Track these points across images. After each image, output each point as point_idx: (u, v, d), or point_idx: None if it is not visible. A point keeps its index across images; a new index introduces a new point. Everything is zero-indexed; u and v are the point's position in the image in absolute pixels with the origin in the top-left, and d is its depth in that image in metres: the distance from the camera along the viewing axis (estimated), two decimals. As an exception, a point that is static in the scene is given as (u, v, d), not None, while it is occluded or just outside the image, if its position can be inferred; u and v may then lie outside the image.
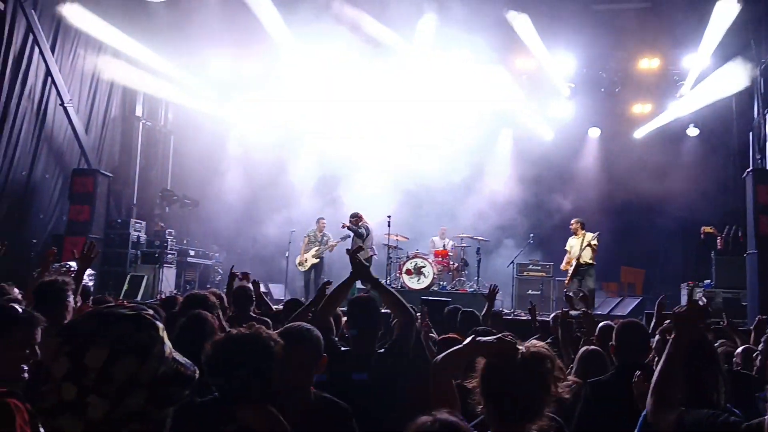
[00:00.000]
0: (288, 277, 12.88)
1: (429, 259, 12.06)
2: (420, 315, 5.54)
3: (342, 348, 3.37)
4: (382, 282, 3.56)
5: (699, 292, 11.12)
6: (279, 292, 12.65)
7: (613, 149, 14.77)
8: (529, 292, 12.64)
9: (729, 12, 11.14)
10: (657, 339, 3.49)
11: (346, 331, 3.45)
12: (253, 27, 12.32)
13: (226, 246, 14.97)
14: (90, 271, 9.92)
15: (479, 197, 14.54)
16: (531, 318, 6.24)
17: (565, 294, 6.13)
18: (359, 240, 11.16)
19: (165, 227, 13.08)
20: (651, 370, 2.73)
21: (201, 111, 14.69)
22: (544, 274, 12.79)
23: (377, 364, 3.22)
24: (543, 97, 14.45)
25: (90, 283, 9.07)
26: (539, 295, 12.48)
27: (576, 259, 10.92)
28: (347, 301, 3.65)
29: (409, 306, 3.63)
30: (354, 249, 3.84)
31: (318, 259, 12.19)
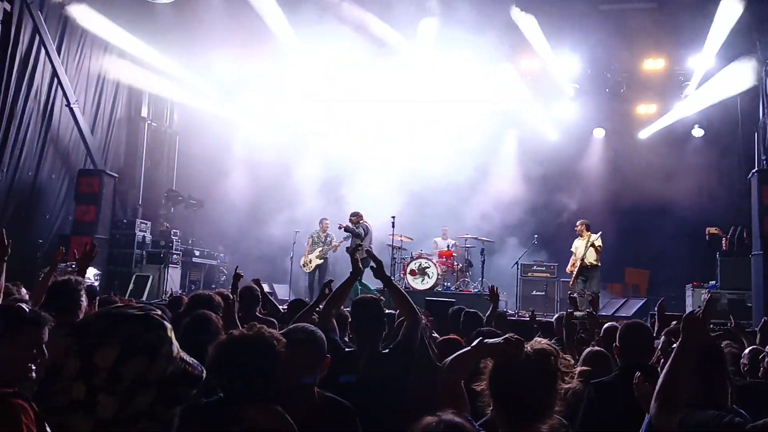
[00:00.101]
0: (292, 278, 12.91)
1: (433, 260, 12.05)
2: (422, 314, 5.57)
3: (347, 348, 3.38)
4: (393, 281, 3.58)
5: (704, 293, 11.09)
6: (283, 292, 12.67)
7: (618, 150, 14.75)
8: (534, 293, 12.64)
9: (733, 12, 11.12)
10: (663, 340, 3.48)
11: (351, 332, 3.45)
12: (258, 28, 12.36)
13: (230, 246, 15.01)
14: (96, 271, 9.97)
15: (484, 198, 14.51)
16: (531, 320, 6.35)
17: (569, 296, 6.13)
18: (357, 239, 11.19)
19: (170, 227, 13.12)
20: (655, 371, 2.73)
21: (206, 111, 14.73)
22: (548, 275, 12.78)
23: (382, 364, 3.23)
24: (548, 98, 14.43)
25: (96, 283, 9.11)
26: (543, 296, 12.47)
27: (580, 260, 10.88)
28: (351, 302, 3.66)
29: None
30: (352, 247, 3.86)
31: (322, 260, 12.23)
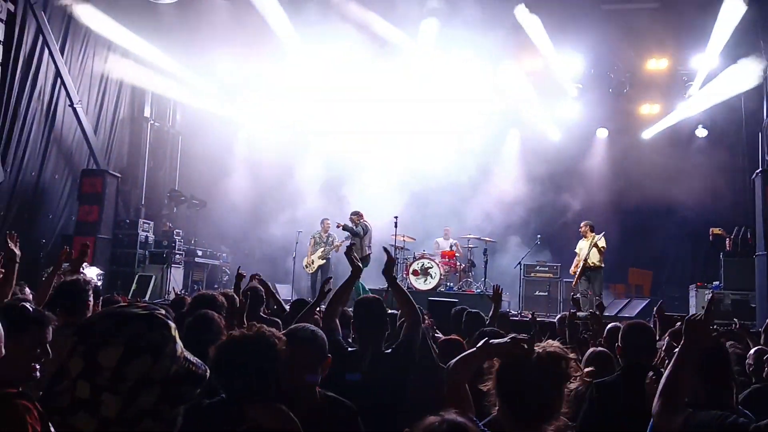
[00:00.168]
0: (295, 278, 12.92)
1: (436, 260, 12.04)
2: (423, 313, 5.57)
3: (349, 348, 3.38)
4: (398, 281, 3.58)
5: (707, 293, 11.06)
6: (286, 292, 12.66)
7: (621, 150, 14.72)
8: (537, 293, 12.62)
9: (737, 11, 11.10)
10: (667, 341, 3.47)
11: (353, 332, 3.45)
12: (260, 28, 12.36)
13: (233, 246, 15.03)
14: (98, 271, 10.00)
15: (486, 198, 14.50)
16: (531, 322, 6.38)
17: (572, 297, 6.13)
18: (356, 238, 11.20)
19: (173, 227, 13.15)
20: (657, 371, 2.73)
21: (208, 111, 14.76)
22: (551, 275, 12.76)
23: (384, 364, 3.23)
24: (551, 98, 14.41)
25: (99, 283, 9.13)
26: (546, 297, 12.45)
27: (583, 261, 10.87)
28: (353, 302, 3.66)
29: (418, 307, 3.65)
30: (347, 247, 3.87)
31: (324, 260, 12.25)
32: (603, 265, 10.91)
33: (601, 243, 10.77)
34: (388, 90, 14.05)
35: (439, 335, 4.96)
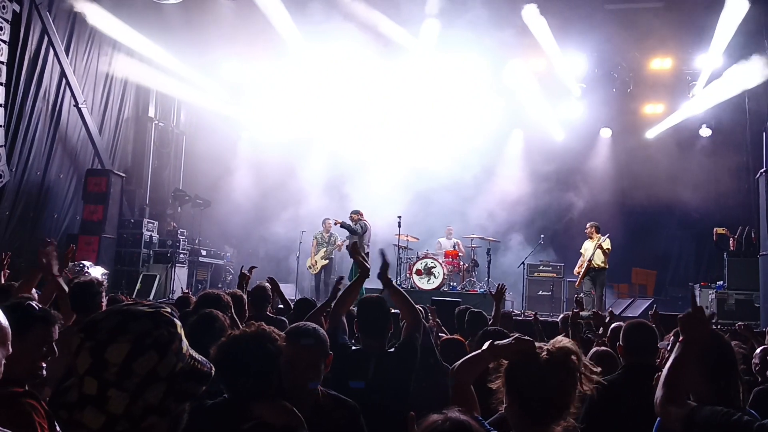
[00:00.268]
0: (298, 277, 12.94)
1: (439, 260, 12.04)
2: (429, 314, 5.57)
3: (353, 347, 3.39)
4: (393, 282, 3.57)
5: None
6: (289, 291, 12.68)
7: (625, 150, 14.70)
8: (540, 293, 12.61)
9: (740, 10, 11.07)
10: (672, 340, 3.46)
11: (357, 331, 3.46)
12: (264, 28, 12.39)
13: (237, 246, 15.06)
14: (103, 270, 10.02)
15: (490, 197, 14.49)
16: (534, 322, 6.39)
17: (576, 298, 6.13)
18: (355, 237, 11.20)
19: (177, 227, 13.19)
20: (659, 370, 2.73)
21: (213, 111, 14.79)
22: (554, 275, 12.74)
23: (387, 363, 3.23)
24: (554, 98, 14.40)
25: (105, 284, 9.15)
26: (550, 296, 12.43)
27: (588, 261, 10.86)
28: (357, 301, 3.67)
29: (419, 306, 3.65)
30: (351, 245, 3.84)
31: (327, 260, 12.28)
32: (607, 267, 10.91)
33: (606, 245, 10.75)
34: (391, 89, 14.06)
35: (443, 335, 4.96)
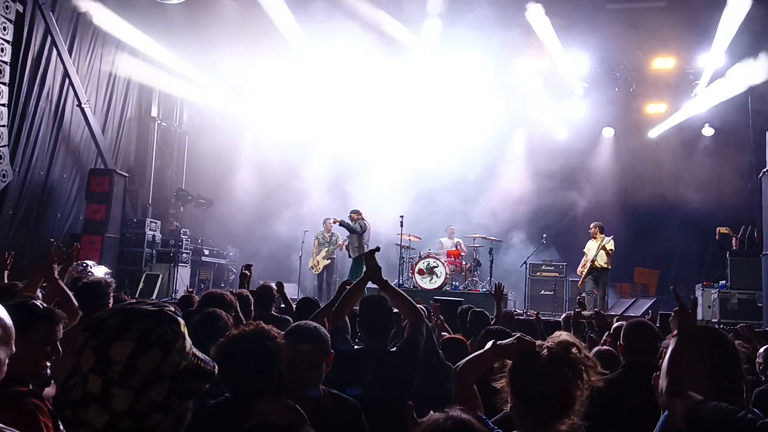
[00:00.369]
0: (301, 277, 12.94)
1: (441, 259, 12.03)
2: (431, 311, 5.56)
3: (355, 347, 3.40)
4: (390, 284, 3.57)
5: (714, 292, 11.02)
6: (292, 291, 12.70)
7: (628, 149, 14.67)
8: (542, 292, 12.61)
9: (741, 9, 11.04)
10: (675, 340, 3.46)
11: (359, 330, 3.47)
12: (267, 27, 12.39)
13: (239, 245, 15.07)
14: (106, 270, 10.03)
15: (492, 197, 14.47)
16: (536, 322, 6.40)
17: (578, 300, 6.15)
18: (354, 236, 11.18)
19: (180, 227, 13.20)
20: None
21: (215, 111, 14.80)
22: (557, 274, 12.74)
23: (389, 362, 3.24)
24: (557, 97, 14.38)
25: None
26: (552, 296, 12.43)
27: (591, 262, 10.86)
28: (360, 301, 3.67)
29: (421, 305, 3.65)
30: (369, 250, 3.83)
31: (329, 260, 12.30)
32: (609, 267, 10.90)
33: (610, 246, 10.74)
34: (394, 89, 14.04)
35: (446, 334, 4.97)
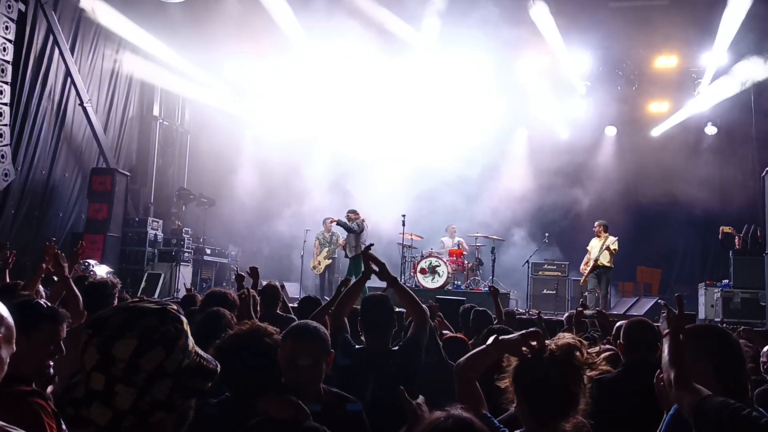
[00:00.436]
0: (303, 276, 12.95)
1: (443, 259, 12.03)
2: (431, 310, 5.56)
3: (357, 346, 3.40)
4: (399, 281, 3.58)
5: (716, 292, 10.98)
6: (294, 290, 12.71)
7: (630, 148, 14.65)
8: (544, 291, 12.60)
9: (743, 7, 11.02)
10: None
11: (361, 330, 3.46)
12: (268, 26, 12.39)
13: (241, 244, 15.08)
14: (108, 269, 10.05)
15: (494, 196, 14.45)
16: (537, 321, 6.42)
17: (581, 302, 6.17)
18: (351, 235, 11.20)
19: (182, 226, 13.21)
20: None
21: (216, 109, 14.81)
22: (559, 273, 12.73)
23: (391, 361, 3.24)
24: (559, 95, 14.36)
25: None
26: (554, 295, 12.42)
27: (594, 260, 10.85)
28: (361, 300, 3.67)
29: (425, 305, 3.65)
30: (365, 248, 3.86)
31: (330, 260, 12.31)
32: (612, 266, 10.89)
33: (614, 246, 10.72)
34: (395, 87, 14.04)
35: (447, 332, 4.96)
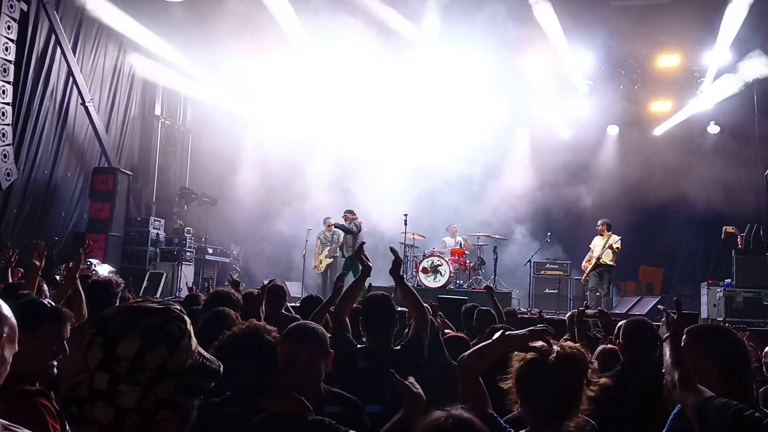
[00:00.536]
0: (305, 275, 12.95)
1: (445, 258, 12.03)
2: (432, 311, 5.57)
3: (358, 345, 3.40)
4: (405, 280, 3.59)
5: (719, 291, 10.96)
6: (296, 289, 12.71)
7: (632, 147, 14.62)
8: (546, 291, 12.58)
9: (745, 5, 11.00)
10: (685, 339, 3.46)
11: (362, 329, 3.47)
12: (269, 24, 12.38)
13: (243, 244, 15.08)
14: (110, 268, 10.08)
15: (496, 195, 14.44)
16: (539, 320, 6.41)
17: (585, 304, 6.17)
18: (349, 236, 11.20)
19: (183, 225, 13.21)
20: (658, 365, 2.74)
21: (218, 109, 14.81)
22: (561, 273, 12.71)
23: (392, 361, 3.24)
24: (561, 94, 14.34)
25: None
26: (556, 294, 12.41)
27: (596, 259, 10.83)
28: (362, 299, 3.68)
29: (425, 304, 3.66)
30: (358, 247, 3.88)
31: (331, 259, 12.31)
32: (614, 265, 10.87)
33: (617, 245, 10.66)
34: (396, 86, 14.02)
35: (449, 331, 4.96)
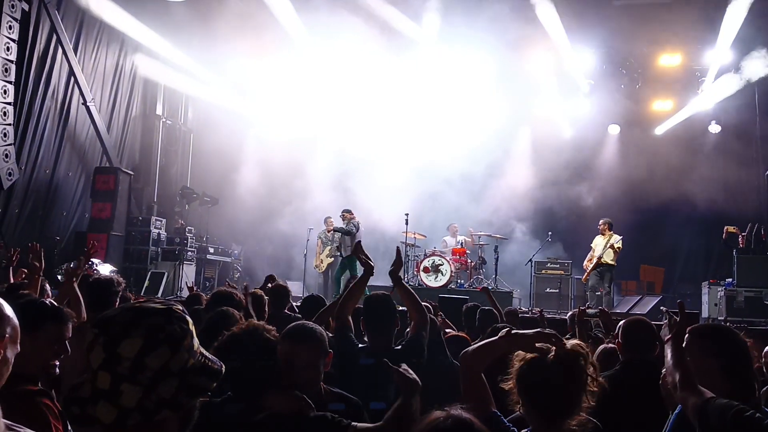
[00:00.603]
0: (306, 275, 12.96)
1: (446, 257, 12.03)
2: (432, 311, 5.57)
3: (359, 345, 3.41)
4: (403, 281, 3.59)
5: (720, 290, 10.95)
6: (297, 289, 12.71)
7: (634, 146, 14.61)
8: (547, 290, 12.58)
9: (745, 3, 10.99)
10: (687, 339, 3.46)
11: (363, 329, 3.47)
12: (270, 24, 12.38)
13: (244, 243, 15.09)
14: (111, 268, 10.08)
15: (497, 194, 14.43)
16: (539, 320, 6.41)
17: (587, 305, 6.16)
18: (349, 237, 11.22)
19: (185, 224, 13.22)
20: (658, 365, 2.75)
21: (219, 108, 14.81)
22: (562, 272, 12.71)
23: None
24: (562, 94, 14.33)
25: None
26: (557, 294, 12.41)
27: (597, 258, 10.84)
28: (363, 299, 3.68)
29: (425, 303, 3.66)
30: (355, 246, 3.88)
31: (332, 258, 12.31)
32: (615, 264, 10.88)
33: (618, 244, 10.67)
34: (398, 86, 14.02)
35: (450, 331, 4.96)
